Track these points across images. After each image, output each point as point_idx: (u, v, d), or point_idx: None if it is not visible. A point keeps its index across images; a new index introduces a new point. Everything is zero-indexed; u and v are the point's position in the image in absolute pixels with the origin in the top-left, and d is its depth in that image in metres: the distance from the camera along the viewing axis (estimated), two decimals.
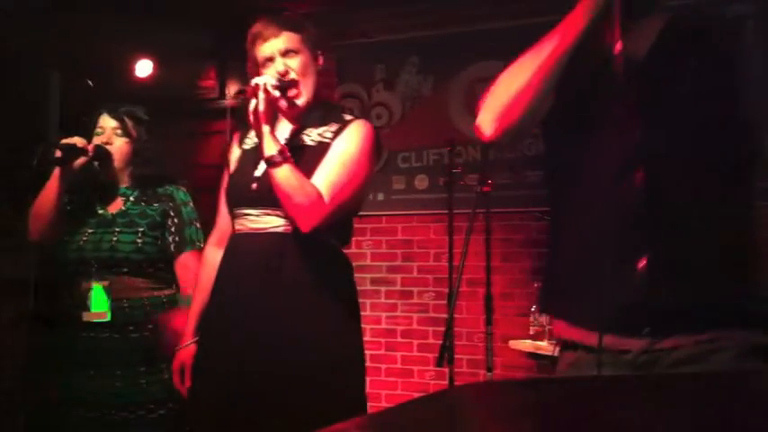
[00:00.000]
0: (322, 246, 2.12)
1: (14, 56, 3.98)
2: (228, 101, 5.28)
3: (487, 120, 1.63)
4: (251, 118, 2.04)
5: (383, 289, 4.77)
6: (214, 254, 2.31)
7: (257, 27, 2.23)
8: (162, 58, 4.77)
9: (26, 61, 4.10)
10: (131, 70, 4.77)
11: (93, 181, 2.61)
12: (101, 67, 4.44)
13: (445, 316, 3.40)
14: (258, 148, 2.12)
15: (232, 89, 5.32)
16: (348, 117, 2.23)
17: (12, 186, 4.16)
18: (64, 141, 2.48)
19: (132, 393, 2.46)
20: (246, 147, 2.29)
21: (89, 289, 2.50)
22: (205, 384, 2.15)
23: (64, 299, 2.58)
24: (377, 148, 2.23)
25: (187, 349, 2.28)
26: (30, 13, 3.92)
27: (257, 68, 2.23)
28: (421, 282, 4.74)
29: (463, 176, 4.15)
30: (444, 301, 4.24)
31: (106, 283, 2.49)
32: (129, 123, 2.63)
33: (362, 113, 4.91)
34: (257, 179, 2.15)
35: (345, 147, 2.14)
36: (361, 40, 4.96)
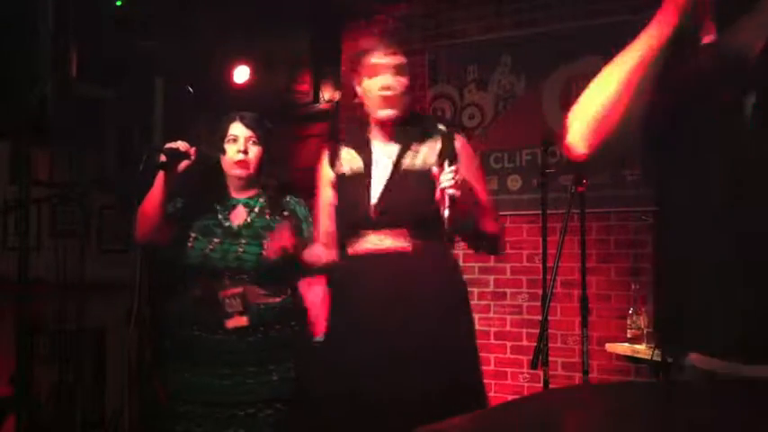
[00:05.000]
0: (440, 255, 2.38)
1: (120, 62, 4.15)
2: (323, 104, 5.38)
3: (579, 137, 1.46)
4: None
5: (476, 290, 4.74)
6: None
7: (374, 40, 2.44)
8: (259, 63, 4.89)
9: (131, 67, 4.27)
10: (229, 76, 4.90)
11: (201, 184, 2.69)
12: (200, 73, 4.58)
13: (539, 318, 3.36)
14: (361, 175, 2.38)
15: (326, 93, 5.40)
16: (442, 127, 2.42)
17: (119, 191, 4.35)
18: (168, 146, 2.55)
19: (240, 393, 2.53)
20: (346, 172, 2.43)
21: (225, 298, 2.56)
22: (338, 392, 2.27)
23: (181, 300, 2.66)
24: None
25: None
26: (134, 21, 4.08)
27: (359, 75, 2.41)
28: (514, 283, 4.69)
29: (557, 176, 4.09)
30: (538, 303, 4.18)
31: (240, 289, 2.55)
32: (262, 132, 2.67)
33: (454, 114, 4.90)
34: (376, 206, 2.32)
35: (473, 168, 2.40)
36: (454, 41, 4.95)
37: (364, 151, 2.42)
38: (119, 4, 4.00)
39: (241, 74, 4.91)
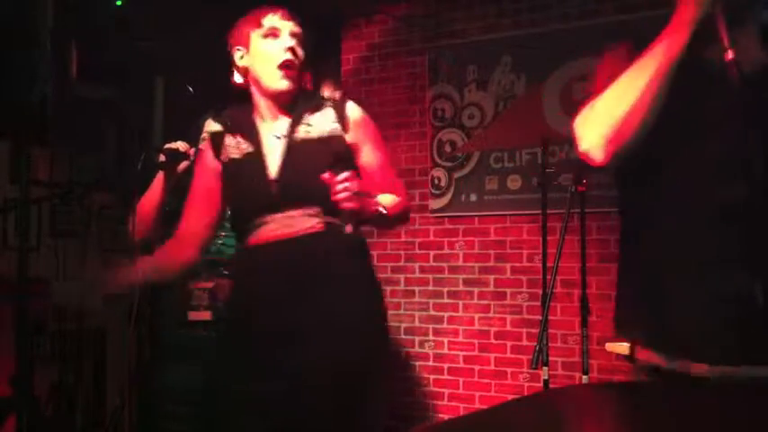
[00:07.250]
0: (352, 237, 2.07)
1: (120, 62, 4.14)
2: None
3: (597, 145, 1.54)
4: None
5: (476, 290, 4.74)
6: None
7: (269, 8, 2.23)
8: None
9: (131, 67, 4.27)
10: (229, 75, 4.89)
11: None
12: (200, 73, 4.58)
13: (539, 317, 3.36)
14: (254, 154, 2.15)
15: (326, 92, 5.39)
16: (330, 95, 2.28)
17: (119, 190, 4.35)
18: (167, 146, 2.57)
19: None
20: (236, 156, 2.23)
21: (194, 289, 2.59)
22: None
23: (168, 298, 2.68)
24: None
25: None
26: (134, 21, 4.08)
27: (246, 38, 2.23)
28: (514, 283, 4.69)
29: (557, 176, 4.09)
30: (538, 303, 4.19)
31: (211, 284, 2.57)
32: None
33: (455, 114, 4.90)
34: (274, 181, 2.12)
35: (372, 137, 2.22)
36: (454, 41, 4.95)
37: (252, 133, 2.21)
38: (119, 4, 4.00)
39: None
